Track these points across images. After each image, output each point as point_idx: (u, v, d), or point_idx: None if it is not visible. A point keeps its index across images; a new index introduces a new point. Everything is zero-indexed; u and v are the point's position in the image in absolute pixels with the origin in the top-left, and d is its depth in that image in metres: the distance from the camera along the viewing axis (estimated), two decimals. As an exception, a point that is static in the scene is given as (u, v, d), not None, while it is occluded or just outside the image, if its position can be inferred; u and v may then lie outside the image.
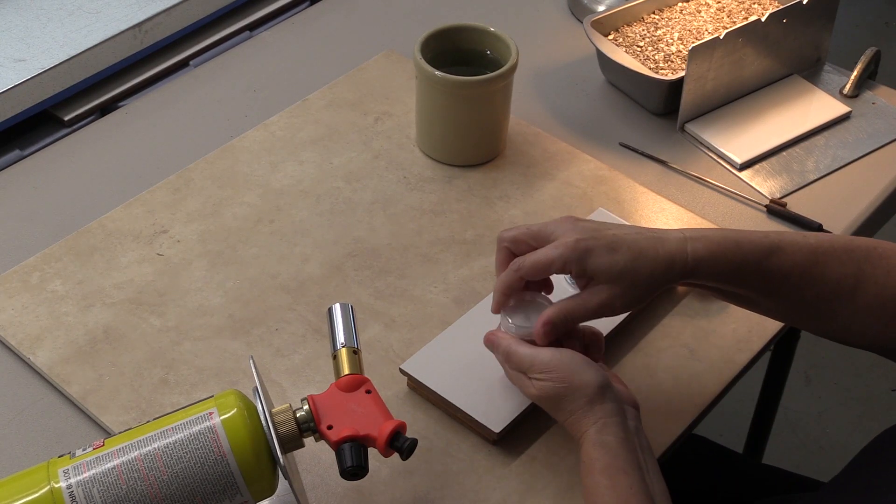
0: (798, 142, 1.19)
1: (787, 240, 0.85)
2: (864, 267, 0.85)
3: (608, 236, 0.83)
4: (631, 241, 0.83)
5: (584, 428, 0.80)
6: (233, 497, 0.73)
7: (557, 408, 0.82)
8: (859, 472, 0.81)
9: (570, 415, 0.81)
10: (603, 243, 0.82)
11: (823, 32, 1.25)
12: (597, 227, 0.84)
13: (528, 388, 0.83)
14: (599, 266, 0.82)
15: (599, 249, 0.82)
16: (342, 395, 0.78)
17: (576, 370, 0.81)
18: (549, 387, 0.81)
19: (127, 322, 0.98)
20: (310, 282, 1.02)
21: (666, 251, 0.83)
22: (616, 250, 0.82)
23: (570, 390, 0.81)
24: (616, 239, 0.83)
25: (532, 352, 0.83)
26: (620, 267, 0.82)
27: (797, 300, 0.86)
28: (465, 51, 1.15)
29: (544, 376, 0.82)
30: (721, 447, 1.20)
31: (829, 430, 2.01)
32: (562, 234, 0.83)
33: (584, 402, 0.80)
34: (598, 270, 0.82)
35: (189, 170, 1.13)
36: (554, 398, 0.81)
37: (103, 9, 1.28)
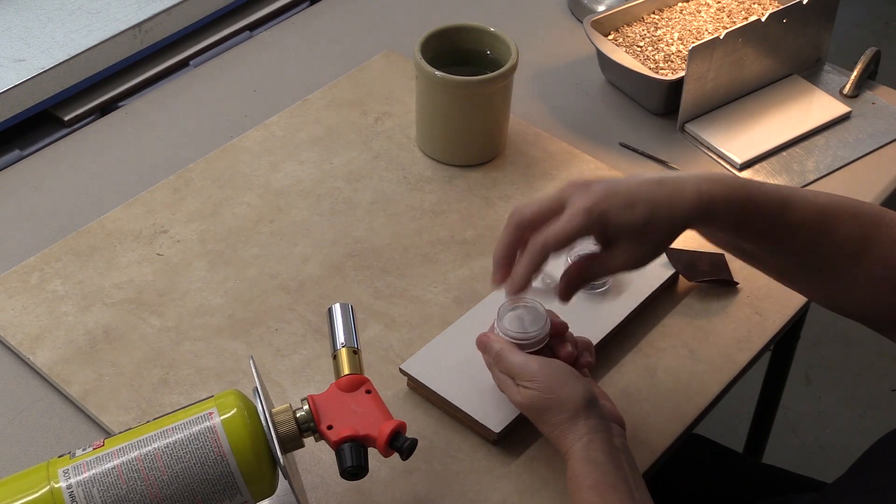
0: (798, 142, 1.19)
1: (798, 195, 0.83)
2: (871, 233, 0.83)
3: (622, 192, 0.80)
4: (646, 193, 0.80)
5: (569, 443, 0.80)
6: (233, 497, 0.73)
7: (542, 419, 0.82)
8: (863, 474, 0.81)
9: (554, 427, 0.81)
10: (619, 201, 0.80)
11: (823, 32, 1.25)
12: (608, 186, 0.80)
13: (515, 394, 0.83)
14: (620, 226, 0.80)
15: (616, 209, 0.79)
16: (342, 395, 0.78)
17: (562, 382, 0.81)
18: (534, 396, 0.81)
19: (127, 322, 0.98)
20: (310, 282, 1.02)
21: (681, 197, 0.80)
22: (633, 205, 0.79)
23: (554, 402, 0.80)
24: (630, 194, 0.80)
25: (522, 359, 0.83)
26: (640, 223, 0.79)
27: (803, 259, 0.85)
28: (465, 51, 1.15)
29: (531, 385, 0.81)
30: (721, 447, 1.20)
31: (829, 430, 2.01)
32: (575, 200, 0.80)
33: (569, 415, 0.80)
34: (620, 230, 0.80)
35: (189, 170, 1.13)
36: (539, 408, 0.81)
37: (103, 9, 1.28)
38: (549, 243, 0.80)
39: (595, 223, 0.79)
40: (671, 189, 0.80)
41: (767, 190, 0.82)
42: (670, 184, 0.81)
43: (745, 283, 1.02)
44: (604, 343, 0.95)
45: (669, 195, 0.80)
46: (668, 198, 0.80)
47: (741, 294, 1.01)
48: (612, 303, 0.97)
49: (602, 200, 0.79)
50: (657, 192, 0.80)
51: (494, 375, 0.86)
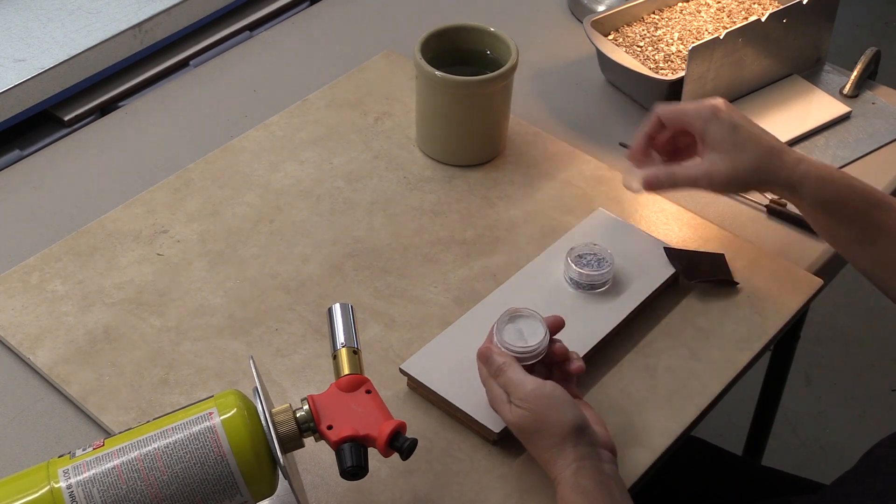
0: (798, 142, 1.19)
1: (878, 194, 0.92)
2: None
3: (738, 120, 0.93)
4: (756, 132, 0.94)
5: (558, 469, 0.79)
6: (233, 497, 0.73)
7: (531, 441, 0.81)
8: (861, 478, 0.81)
9: (543, 451, 0.80)
10: (731, 120, 0.93)
11: (823, 32, 1.25)
12: (734, 112, 0.94)
13: (506, 412, 0.82)
14: (717, 133, 0.93)
15: (725, 121, 0.93)
16: (342, 395, 0.78)
17: (554, 406, 0.80)
18: (524, 416, 0.81)
19: (127, 322, 0.98)
20: (310, 282, 1.02)
21: (778, 156, 0.93)
22: (738, 129, 0.93)
23: (544, 425, 0.80)
24: (743, 123, 0.93)
25: (520, 377, 0.82)
26: (735, 142, 0.92)
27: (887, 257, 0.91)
28: (465, 51, 1.15)
29: (523, 405, 0.81)
30: (720, 450, 1.20)
31: (829, 430, 2.01)
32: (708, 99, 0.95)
33: (557, 440, 0.79)
34: (715, 138, 0.93)
35: (189, 170, 1.13)
36: (528, 430, 0.81)
37: (103, 9, 1.28)
38: (664, 112, 0.97)
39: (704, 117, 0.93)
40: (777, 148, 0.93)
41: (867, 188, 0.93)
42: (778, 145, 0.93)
43: (745, 283, 1.02)
44: (604, 343, 0.95)
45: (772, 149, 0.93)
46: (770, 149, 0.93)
47: (741, 294, 1.01)
48: (612, 303, 0.97)
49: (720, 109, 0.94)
50: (763, 138, 0.93)
51: (489, 389, 0.85)
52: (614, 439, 0.89)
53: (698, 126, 0.94)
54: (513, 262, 1.04)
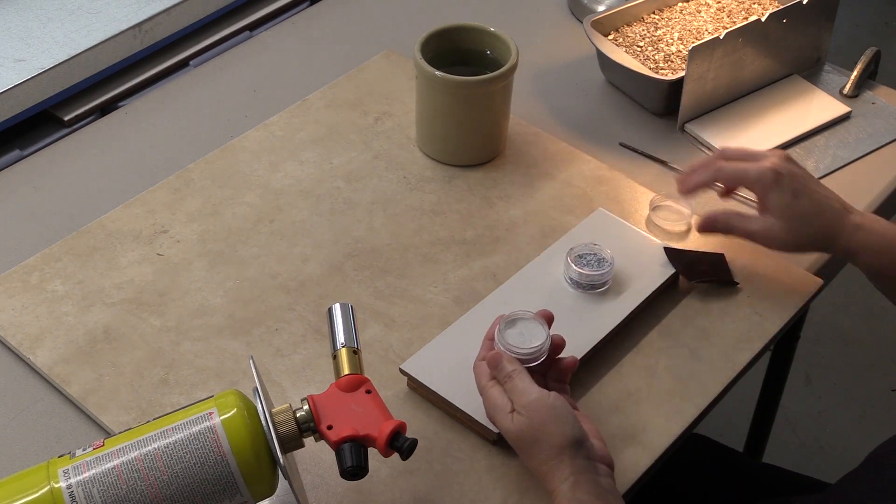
0: (798, 142, 1.19)
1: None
2: None
3: (801, 183, 0.92)
4: (817, 199, 0.93)
5: (556, 483, 0.78)
6: (233, 497, 0.73)
7: (529, 453, 0.81)
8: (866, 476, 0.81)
9: (541, 464, 0.80)
10: (793, 185, 0.92)
11: (823, 32, 1.25)
12: (796, 172, 0.94)
13: (507, 421, 0.81)
14: (777, 201, 0.93)
15: (786, 186, 0.92)
16: (342, 395, 0.78)
17: (556, 417, 0.80)
18: (525, 425, 0.80)
19: (127, 322, 0.98)
20: (310, 282, 1.02)
21: (839, 227, 0.93)
22: (800, 197, 0.92)
23: (544, 435, 0.79)
24: (805, 189, 0.93)
25: (527, 386, 0.82)
26: (795, 211, 0.92)
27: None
28: (465, 51, 1.15)
29: (525, 412, 0.80)
30: (722, 446, 1.20)
31: (829, 430, 2.01)
32: (768, 159, 0.94)
33: (556, 452, 0.79)
34: (775, 204, 0.93)
35: (189, 170, 1.13)
36: (527, 440, 0.80)
37: (103, 9, 1.28)
38: (723, 175, 0.97)
39: (765, 183, 0.93)
40: (837, 217, 0.93)
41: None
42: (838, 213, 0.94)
43: (745, 283, 1.02)
44: (604, 343, 0.95)
45: (832, 219, 0.93)
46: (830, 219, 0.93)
47: (741, 294, 1.01)
48: (612, 303, 0.97)
49: (782, 173, 0.92)
50: (825, 206, 0.93)
51: (488, 398, 0.84)
52: (614, 439, 0.89)
53: (758, 191, 0.94)
54: (513, 262, 1.04)
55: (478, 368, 0.86)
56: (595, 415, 0.91)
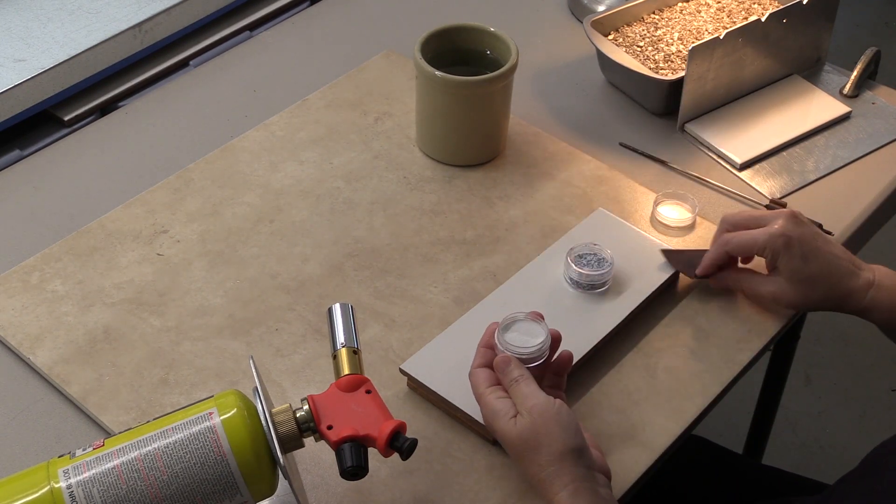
0: (798, 142, 1.19)
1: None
2: None
3: (810, 245, 0.91)
4: (826, 260, 0.92)
5: (555, 490, 0.78)
6: (233, 497, 0.73)
7: (529, 458, 0.79)
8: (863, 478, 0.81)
9: (540, 469, 0.79)
10: (803, 249, 0.91)
11: (823, 32, 1.25)
12: (804, 233, 0.92)
13: (508, 426, 0.80)
14: (788, 265, 0.91)
15: (796, 251, 0.91)
16: (342, 395, 0.78)
17: (560, 423, 0.80)
18: (529, 429, 0.79)
19: (127, 322, 0.98)
20: (310, 282, 1.02)
21: (849, 288, 0.92)
22: (809, 260, 0.91)
23: (546, 440, 0.79)
24: (815, 251, 0.91)
25: (534, 390, 0.81)
26: (805, 275, 0.91)
27: None
28: (465, 51, 1.15)
29: (529, 416, 0.80)
30: (721, 448, 1.20)
31: (829, 430, 2.01)
32: (775, 222, 0.92)
33: (556, 458, 0.78)
34: (786, 268, 0.92)
35: (189, 170, 1.13)
36: (529, 444, 0.79)
37: (103, 9, 1.28)
38: (731, 246, 0.95)
39: (775, 248, 0.91)
40: (847, 276, 0.92)
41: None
42: (850, 272, 0.92)
43: (745, 283, 1.02)
44: (604, 343, 0.95)
45: (842, 278, 0.92)
46: (839, 280, 0.92)
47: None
48: (612, 303, 0.97)
49: (791, 237, 0.91)
50: (835, 268, 0.92)
51: (487, 403, 0.83)
52: (614, 439, 0.89)
53: (769, 257, 0.94)
54: (513, 262, 1.04)
55: (475, 376, 0.85)
56: (595, 415, 0.91)
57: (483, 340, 0.87)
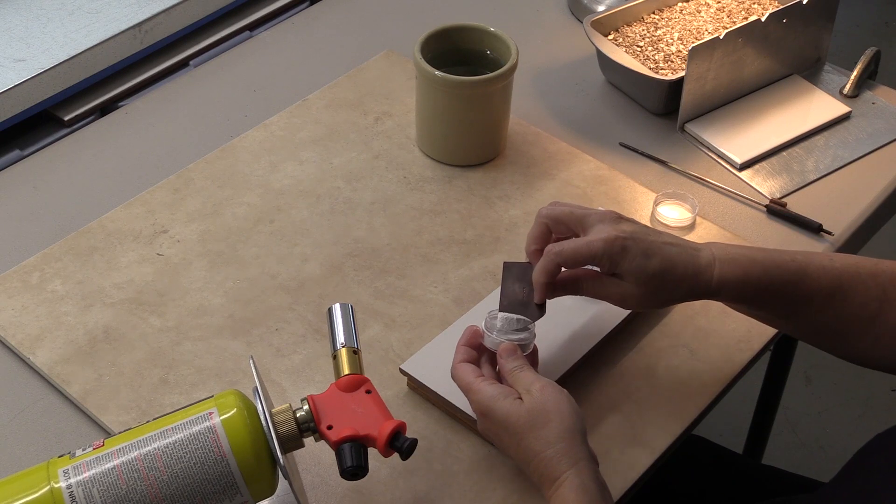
0: (798, 142, 1.19)
1: (814, 264, 0.86)
2: (888, 291, 0.86)
3: (646, 242, 0.85)
4: (666, 252, 0.85)
5: (562, 468, 0.77)
6: (233, 497, 0.73)
7: (535, 433, 0.78)
8: (854, 476, 0.81)
9: (547, 446, 0.78)
10: (641, 247, 0.84)
11: (823, 32, 1.25)
12: (636, 231, 0.85)
13: (514, 404, 0.80)
14: (630, 268, 0.84)
15: (635, 252, 0.84)
16: (342, 395, 0.78)
17: (570, 403, 0.80)
18: (538, 404, 0.79)
19: (127, 322, 0.98)
20: (310, 282, 1.02)
21: (695, 270, 0.85)
22: (650, 257, 0.84)
23: (557, 416, 0.78)
24: (653, 247, 0.85)
25: (536, 375, 0.82)
26: (649, 273, 0.84)
27: (817, 322, 0.88)
28: (465, 51, 1.15)
29: (539, 394, 0.79)
30: (721, 448, 1.20)
31: (829, 430, 2.01)
32: (602, 227, 0.85)
33: (566, 433, 0.78)
34: (628, 271, 0.85)
35: (189, 170, 1.13)
36: (538, 418, 0.79)
37: (103, 9, 1.28)
38: (564, 258, 0.85)
39: (612, 255, 0.84)
40: (690, 261, 0.85)
41: (783, 263, 0.86)
42: (691, 256, 0.85)
43: (745, 283, 1.02)
44: (604, 343, 0.95)
45: (686, 266, 0.85)
46: (684, 268, 0.85)
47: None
48: (612, 303, 0.97)
49: (626, 238, 0.84)
50: (675, 257, 0.85)
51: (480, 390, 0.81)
52: (614, 439, 0.89)
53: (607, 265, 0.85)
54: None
55: (459, 370, 0.84)
56: (595, 415, 0.91)
57: (463, 339, 0.87)
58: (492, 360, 0.87)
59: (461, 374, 0.84)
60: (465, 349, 0.86)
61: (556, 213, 0.88)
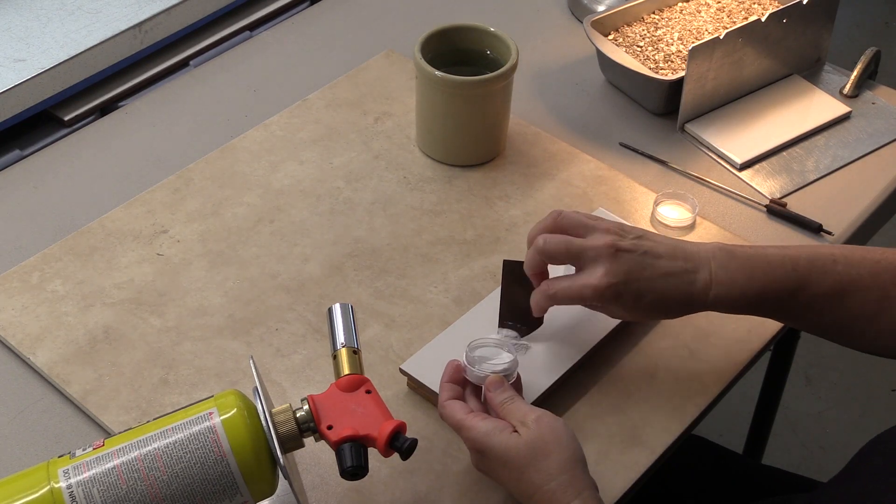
0: (798, 142, 1.19)
1: (816, 269, 0.86)
2: (889, 290, 0.85)
3: (639, 283, 0.85)
4: (659, 288, 0.85)
5: (567, 499, 0.76)
6: (233, 497, 0.73)
7: (536, 466, 0.77)
8: (854, 476, 0.81)
9: (549, 478, 0.77)
10: (633, 290, 0.85)
11: (823, 32, 1.25)
12: (631, 269, 0.85)
13: (511, 438, 0.78)
14: (622, 310, 0.87)
15: (627, 297, 0.85)
16: (342, 395, 0.78)
17: (567, 433, 0.79)
18: (537, 437, 0.78)
19: (127, 322, 0.98)
20: (310, 282, 1.02)
21: (688, 299, 0.86)
22: (642, 299, 0.86)
23: (556, 447, 0.78)
24: (645, 286, 0.85)
25: (529, 407, 0.81)
26: (642, 309, 0.87)
27: (816, 323, 0.89)
28: (465, 51, 1.15)
29: (536, 426, 0.79)
30: (721, 448, 1.20)
31: (829, 430, 2.01)
32: (596, 269, 0.85)
33: (568, 464, 0.77)
34: (621, 311, 0.87)
35: (189, 170, 1.13)
36: (538, 451, 0.78)
37: (103, 9, 1.28)
38: (557, 297, 0.88)
39: (603, 300, 0.86)
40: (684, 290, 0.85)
41: (784, 276, 0.86)
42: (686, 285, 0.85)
43: (745, 283, 1.02)
44: (604, 343, 0.95)
45: (679, 297, 0.86)
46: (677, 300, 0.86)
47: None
48: (612, 303, 0.97)
49: (618, 284, 0.85)
50: (672, 290, 0.85)
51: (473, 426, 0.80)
52: (614, 439, 0.89)
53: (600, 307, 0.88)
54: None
55: (448, 408, 0.83)
56: (595, 415, 0.91)
57: (445, 377, 0.85)
58: (476, 392, 0.86)
59: (451, 413, 0.82)
60: (449, 386, 0.85)
61: (551, 249, 0.87)
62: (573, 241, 0.87)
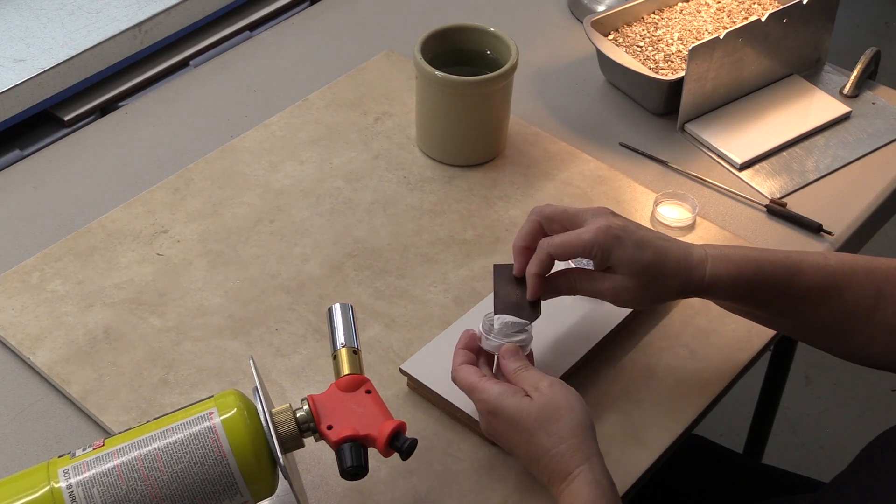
0: (798, 142, 1.19)
1: (809, 261, 0.86)
2: (883, 288, 0.85)
3: (639, 234, 0.85)
4: (659, 245, 0.85)
5: (575, 462, 0.77)
6: (233, 497, 0.73)
7: (547, 428, 0.78)
8: (858, 475, 0.81)
9: (560, 441, 0.78)
10: (633, 238, 0.84)
11: (823, 32, 1.25)
12: (628, 224, 0.86)
13: (523, 401, 0.80)
14: (623, 258, 0.84)
15: (628, 242, 0.84)
16: (342, 395, 0.78)
17: (578, 399, 0.80)
18: (549, 400, 0.79)
19: (127, 322, 0.98)
20: (310, 282, 1.02)
21: (687, 265, 0.85)
22: (643, 249, 0.84)
23: (568, 412, 0.79)
24: (645, 239, 0.85)
25: (542, 374, 0.82)
26: (643, 265, 0.84)
27: (812, 320, 0.88)
28: (465, 51, 1.15)
29: (548, 390, 0.80)
30: (721, 447, 1.20)
31: (829, 430, 2.01)
32: (595, 220, 0.85)
33: (579, 428, 0.78)
34: (621, 262, 0.84)
35: (189, 170, 1.13)
36: (550, 414, 0.79)
37: (103, 9, 1.28)
38: (555, 249, 0.85)
39: (605, 245, 0.84)
40: (683, 256, 0.85)
41: (777, 260, 0.86)
42: (683, 252, 0.86)
43: (745, 283, 1.02)
44: (604, 343, 0.95)
45: (679, 260, 0.85)
46: (676, 262, 0.85)
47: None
48: (612, 303, 0.97)
49: (618, 228, 0.84)
50: (668, 250, 0.85)
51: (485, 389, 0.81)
52: (614, 439, 0.89)
53: (599, 255, 0.85)
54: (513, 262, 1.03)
55: (461, 371, 0.84)
56: (595, 415, 0.91)
57: (460, 343, 0.86)
58: (489, 362, 0.87)
59: (464, 376, 0.84)
60: (463, 352, 0.86)
61: (550, 211, 0.88)
62: (571, 207, 0.88)
